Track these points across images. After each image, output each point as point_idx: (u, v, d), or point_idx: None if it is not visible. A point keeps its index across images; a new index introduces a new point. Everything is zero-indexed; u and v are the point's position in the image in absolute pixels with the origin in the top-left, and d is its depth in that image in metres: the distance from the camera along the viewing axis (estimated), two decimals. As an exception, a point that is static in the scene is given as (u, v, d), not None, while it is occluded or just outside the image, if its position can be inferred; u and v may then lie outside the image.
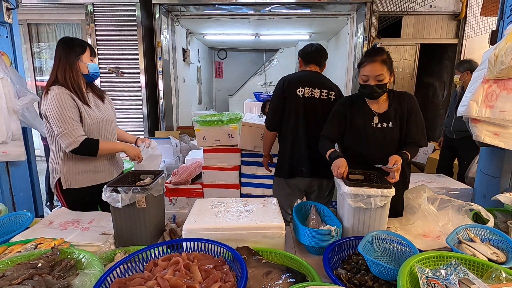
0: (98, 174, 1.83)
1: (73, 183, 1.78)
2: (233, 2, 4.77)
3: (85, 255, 1.12)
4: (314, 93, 2.11)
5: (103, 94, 1.91)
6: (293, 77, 2.17)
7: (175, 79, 5.90)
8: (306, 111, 2.11)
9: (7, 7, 2.44)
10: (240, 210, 1.37)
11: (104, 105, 1.87)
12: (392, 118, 1.74)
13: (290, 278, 1.05)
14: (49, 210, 3.70)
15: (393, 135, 1.74)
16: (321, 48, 2.25)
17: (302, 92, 2.10)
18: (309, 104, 2.11)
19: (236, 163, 2.83)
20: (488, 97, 1.96)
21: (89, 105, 1.75)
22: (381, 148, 1.74)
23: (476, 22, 4.47)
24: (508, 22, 2.08)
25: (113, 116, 1.92)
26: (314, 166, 2.14)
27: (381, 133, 1.74)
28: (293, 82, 2.12)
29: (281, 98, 2.14)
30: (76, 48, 1.71)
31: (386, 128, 1.73)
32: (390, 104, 1.76)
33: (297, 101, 2.10)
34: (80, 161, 1.77)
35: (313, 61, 2.22)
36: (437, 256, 1.04)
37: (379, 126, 1.74)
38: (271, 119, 2.21)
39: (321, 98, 2.12)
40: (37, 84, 5.82)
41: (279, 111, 2.16)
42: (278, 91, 2.15)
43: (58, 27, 5.51)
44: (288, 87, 2.12)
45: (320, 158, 2.03)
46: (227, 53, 10.29)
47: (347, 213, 1.36)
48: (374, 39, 4.93)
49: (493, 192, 1.90)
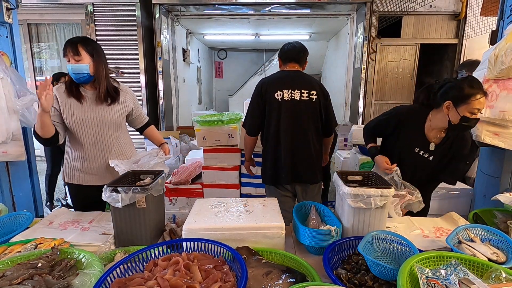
0: (88, 176, 1.83)
1: (69, 178, 1.85)
2: (233, 2, 4.77)
3: (85, 255, 1.12)
4: (294, 95, 2.00)
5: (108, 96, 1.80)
6: (271, 79, 2.08)
7: (175, 79, 5.90)
8: (287, 114, 2.00)
9: (7, 7, 2.44)
10: (240, 210, 1.37)
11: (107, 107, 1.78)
12: (441, 152, 1.76)
13: (290, 278, 1.05)
14: (49, 210, 3.70)
15: (432, 165, 1.79)
16: (299, 45, 2.12)
17: (281, 96, 2.00)
18: (289, 107, 2.00)
19: (236, 163, 2.83)
20: (488, 97, 1.96)
21: (81, 103, 1.74)
22: (414, 171, 1.80)
23: (476, 22, 4.47)
24: (508, 22, 2.08)
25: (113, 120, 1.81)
26: (295, 171, 2.07)
27: (423, 161, 1.78)
28: (271, 86, 2.02)
29: (260, 103, 2.04)
30: (63, 49, 1.70)
31: (426, 159, 1.77)
32: (447, 137, 1.75)
33: (277, 105, 2.00)
34: (71, 157, 1.83)
35: (291, 60, 2.11)
36: (437, 256, 1.04)
37: (424, 155, 1.78)
38: (250, 124, 2.12)
39: (302, 99, 2.00)
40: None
41: (257, 116, 2.06)
42: (256, 96, 2.05)
43: (58, 27, 5.52)
44: (266, 91, 2.01)
45: (302, 163, 2.08)
46: (227, 53, 10.30)
47: (347, 213, 1.36)
48: (374, 39, 4.93)
49: (493, 192, 1.90)
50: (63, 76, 3.69)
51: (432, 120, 1.74)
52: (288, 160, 2.05)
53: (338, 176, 1.44)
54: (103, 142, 1.82)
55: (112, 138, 1.85)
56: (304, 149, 2.05)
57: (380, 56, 5.10)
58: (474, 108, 1.55)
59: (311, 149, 2.06)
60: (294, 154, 2.04)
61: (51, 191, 3.90)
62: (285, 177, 2.08)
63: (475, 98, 1.54)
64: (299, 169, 2.07)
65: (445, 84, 1.67)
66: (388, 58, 5.12)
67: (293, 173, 2.07)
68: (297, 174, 2.08)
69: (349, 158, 3.82)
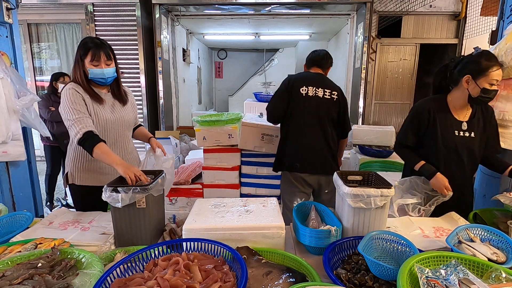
0: (103, 176, 1.80)
1: (77, 180, 1.80)
2: (233, 2, 4.77)
3: (85, 255, 1.11)
4: (317, 92, 2.21)
5: (124, 97, 1.86)
6: (298, 76, 2.30)
7: (175, 79, 5.90)
8: (310, 108, 2.21)
9: (7, 7, 2.44)
10: (240, 210, 1.37)
11: (123, 107, 1.85)
12: (476, 127, 1.74)
13: (290, 278, 1.05)
14: (49, 210, 3.70)
15: (476, 142, 1.75)
16: (323, 53, 2.37)
17: (306, 91, 2.20)
18: (313, 102, 2.20)
19: (236, 163, 2.83)
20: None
21: (102, 104, 1.75)
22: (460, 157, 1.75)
23: (476, 22, 4.47)
24: (508, 22, 2.08)
25: (128, 120, 1.88)
26: (315, 162, 2.23)
27: (466, 142, 1.74)
28: (297, 81, 2.23)
29: (285, 95, 2.23)
30: (80, 50, 1.69)
31: (469, 137, 1.74)
32: (473, 111, 1.76)
33: (302, 99, 2.20)
34: (85, 159, 1.77)
35: (314, 64, 2.35)
36: (437, 256, 1.04)
37: (465, 135, 1.74)
38: (272, 114, 2.30)
39: (325, 97, 2.22)
40: (37, 84, 5.82)
41: (281, 107, 2.24)
42: (283, 89, 2.25)
43: (58, 27, 5.52)
44: (293, 86, 2.22)
45: (321, 154, 2.23)
46: (227, 53, 10.30)
47: (347, 213, 1.36)
48: (374, 39, 4.93)
49: (493, 192, 1.90)
50: (63, 76, 3.70)
51: (452, 100, 1.76)
52: (308, 150, 2.22)
53: (338, 176, 1.44)
54: (122, 142, 1.87)
55: (128, 137, 1.93)
56: (323, 141, 2.25)
57: (380, 56, 5.10)
58: (492, 79, 1.60)
59: (330, 142, 2.26)
60: (314, 145, 2.23)
61: (51, 191, 3.90)
62: (304, 166, 2.24)
63: (493, 69, 1.59)
64: (318, 160, 2.24)
65: (462, 61, 1.72)
66: (388, 58, 5.12)
67: (313, 163, 2.24)
68: (316, 164, 2.24)
69: (349, 158, 3.81)
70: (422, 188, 1.75)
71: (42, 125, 2.51)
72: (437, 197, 1.71)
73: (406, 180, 1.80)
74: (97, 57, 1.67)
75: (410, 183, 1.78)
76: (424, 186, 1.76)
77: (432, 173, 1.71)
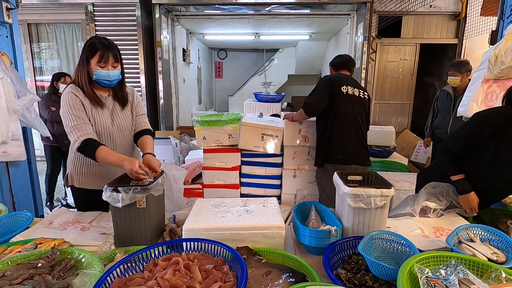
0: (102, 180, 1.73)
1: (77, 182, 1.77)
2: (233, 2, 4.77)
3: (85, 255, 1.11)
4: (354, 91, 2.44)
5: (125, 99, 1.80)
6: (335, 77, 2.51)
7: (175, 79, 5.90)
8: (351, 106, 2.41)
9: (7, 7, 2.44)
10: (240, 210, 1.37)
11: (122, 111, 1.79)
12: None
13: (290, 278, 1.05)
14: (49, 210, 3.69)
15: None
16: (348, 57, 2.66)
17: (346, 90, 2.41)
18: (353, 100, 2.42)
19: (236, 163, 2.83)
20: (488, 97, 1.96)
21: (102, 109, 1.69)
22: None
23: (476, 22, 4.47)
24: (508, 22, 2.08)
25: (128, 124, 1.81)
26: (355, 154, 2.43)
27: None
28: (337, 81, 2.44)
29: (327, 92, 2.40)
30: (86, 51, 1.63)
31: None
32: None
33: (344, 96, 2.40)
34: (85, 163, 1.74)
35: (344, 67, 2.59)
36: (437, 256, 1.04)
37: None
38: (314, 107, 2.44)
39: (360, 96, 2.46)
40: (37, 84, 5.82)
41: (323, 103, 2.40)
42: (324, 87, 2.43)
43: (58, 27, 5.52)
44: (335, 84, 2.41)
45: (360, 147, 2.45)
46: (227, 53, 10.30)
47: (347, 213, 1.36)
48: (374, 39, 4.93)
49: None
50: (63, 76, 3.70)
51: None
52: (351, 143, 2.42)
53: (338, 176, 1.44)
54: (122, 146, 1.80)
55: (129, 141, 1.84)
56: (361, 134, 2.46)
57: (380, 56, 5.10)
58: None
59: (365, 135, 2.50)
60: (354, 139, 2.43)
61: (51, 191, 3.90)
62: (346, 157, 2.41)
63: None
64: (359, 152, 2.44)
65: None
66: (388, 58, 5.12)
67: (354, 155, 2.43)
68: (358, 156, 2.44)
69: (349, 158, 3.81)
70: (451, 197, 1.71)
71: (42, 125, 2.51)
72: (460, 210, 1.67)
73: (439, 185, 1.73)
74: (105, 58, 1.60)
75: (441, 189, 1.72)
76: (454, 196, 1.70)
77: (466, 191, 1.59)
